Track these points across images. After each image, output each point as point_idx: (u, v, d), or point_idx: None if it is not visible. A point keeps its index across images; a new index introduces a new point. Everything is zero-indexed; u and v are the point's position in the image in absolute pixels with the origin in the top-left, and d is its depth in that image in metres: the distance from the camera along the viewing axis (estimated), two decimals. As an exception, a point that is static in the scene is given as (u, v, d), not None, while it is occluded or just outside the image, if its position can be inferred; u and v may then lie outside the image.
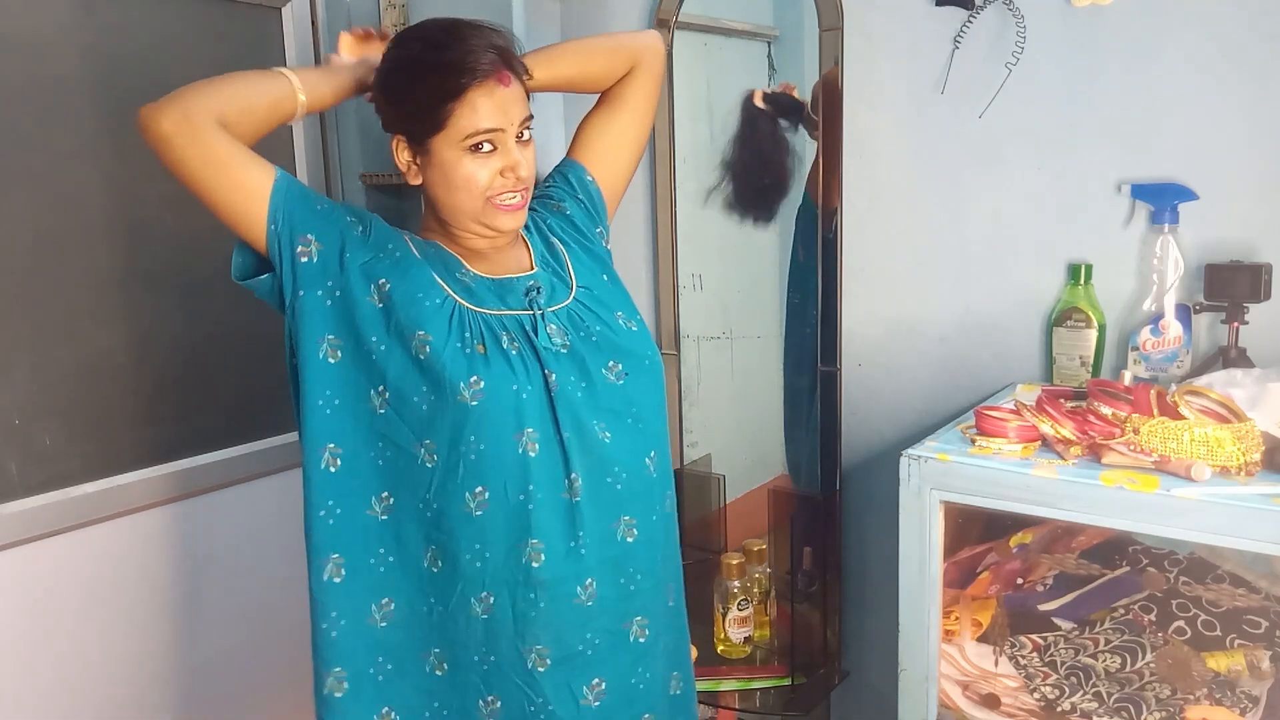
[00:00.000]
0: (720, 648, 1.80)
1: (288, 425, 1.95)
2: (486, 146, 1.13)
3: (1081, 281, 1.47)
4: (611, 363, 1.21)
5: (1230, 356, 1.35)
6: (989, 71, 1.52)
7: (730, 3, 1.89)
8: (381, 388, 1.14)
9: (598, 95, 1.37)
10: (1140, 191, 1.43)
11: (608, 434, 1.18)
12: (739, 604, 1.78)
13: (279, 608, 1.93)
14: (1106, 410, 1.20)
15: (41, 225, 1.57)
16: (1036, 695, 1.30)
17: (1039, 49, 1.48)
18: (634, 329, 1.26)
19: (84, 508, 1.64)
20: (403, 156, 1.18)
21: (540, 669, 1.17)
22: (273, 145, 1.88)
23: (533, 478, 1.14)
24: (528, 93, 1.19)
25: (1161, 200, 1.40)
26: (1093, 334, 1.46)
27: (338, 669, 1.19)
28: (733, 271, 1.99)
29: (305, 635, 1.25)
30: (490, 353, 1.14)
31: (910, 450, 1.25)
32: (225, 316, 1.82)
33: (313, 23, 1.95)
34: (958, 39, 1.53)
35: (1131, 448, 1.15)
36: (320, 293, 1.15)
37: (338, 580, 1.17)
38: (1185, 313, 1.40)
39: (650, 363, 1.26)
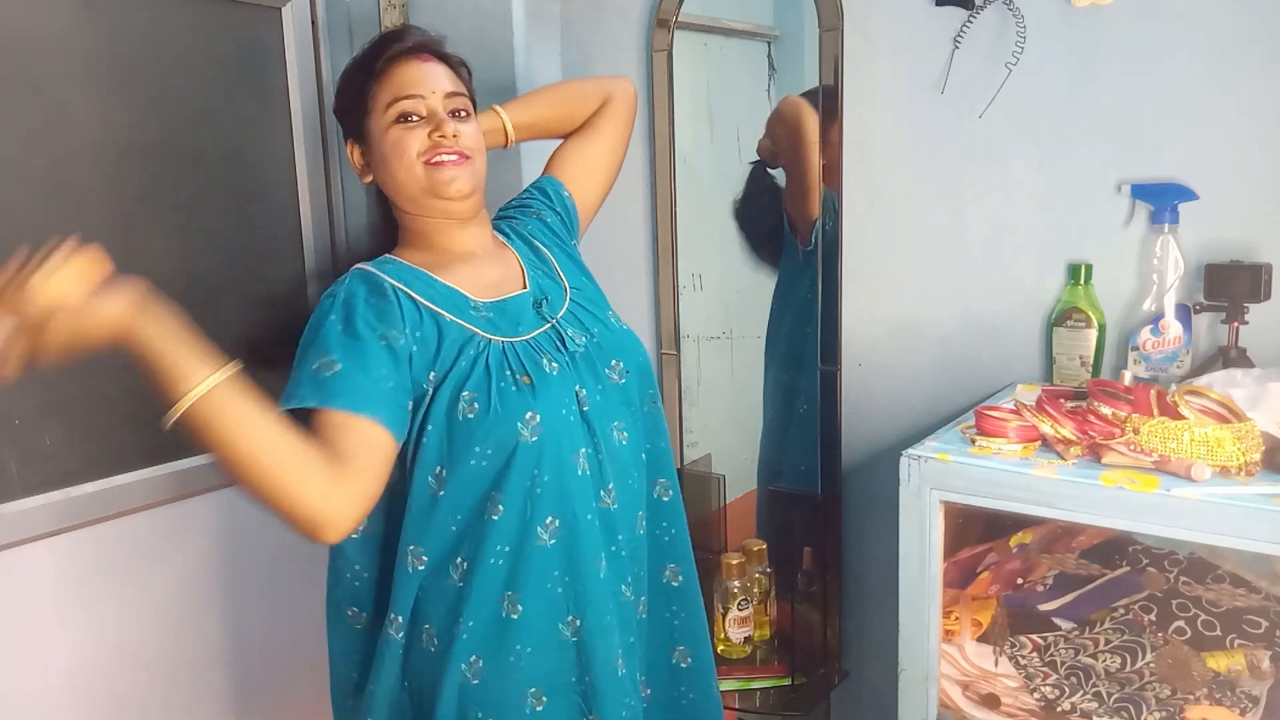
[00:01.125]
0: (720, 648, 1.80)
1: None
2: (414, 118, 1.17)
3: (1081, 281, 1.47)
4: (614, 362, 1.23)
5: (1230, 356, 1.35)
6: (989, 71, 1.52)
7: (730, 3, 1.89)
8: (439, 469, 1.12)
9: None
10: (1140, 191, 1.43)
11: (624, 435, 1.21)
12: (739, 604, 1.78)
13: (280, 607, 1.93)
14: (1106, 410, 1.20)
15: (41, 225, 1.57)
16: (1036, 695, 1.30)
17: (1039, 49, 1.48)
18: (625, 327, 1.30)
19: (84, 508, 1.64)
20: (355, 159, 1.23)
21: (623, 671, 1.19)
22: (271, 146, 1.89)
23: (592, 495, 1.16)
24: (468, 88, 1.24)
25: (1161, 200, 1.40)
26: (1093, 334, 1.46)
27: None
28: (733, 271, 1.99)
29: (305, 634, 1.26)
30: (536, 382, 1.14)
31: (910, 450, 1.25)
32: (225, 316, 1.82)
33: (313, 23, 1.95)
34: (958, 39, 1.53)
35: (1131, 448, 1.15)
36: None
37: (432, 649, 1.16)
38: (1185, 313, 1.40)
39: (644, 360, 1.29)
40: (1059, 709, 1.28)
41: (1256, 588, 1.27)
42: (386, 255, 1.24)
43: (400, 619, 1.16)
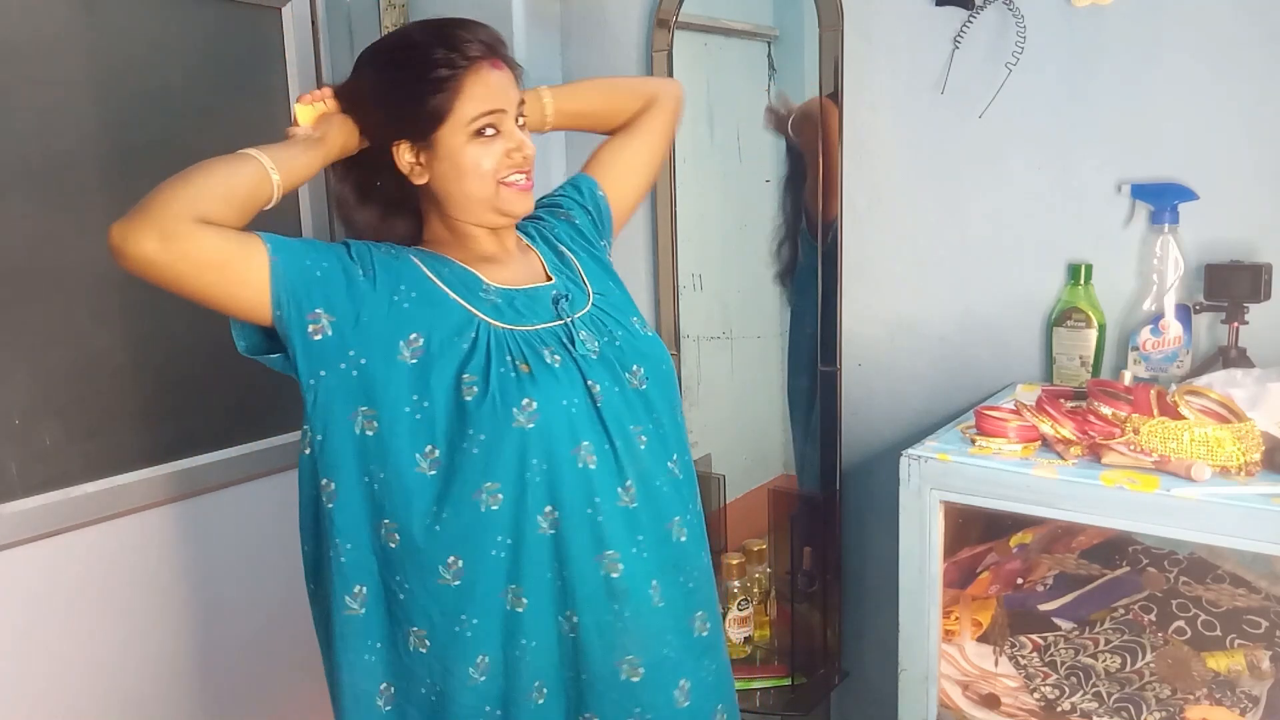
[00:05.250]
0: (720, 648, 1.80)
1: (288, 425, 1.95)
2: (490, 130, 1.14)
3: (1081, 281, 1.47)
4: (635, 367, 1.21)
5: (1230, 356, 1.35)
6: (989, 71, 1.52)
7: (730, 3, 1.89)
8: (429, 448, 1.10)
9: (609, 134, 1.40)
10: (1140, 191, 1.43)
11: (643, 438, 1.19)
12: (739, 604, 1.78)
13: (279, 608, 1.93)
14: (1106, 410, 1.20)
15: (41, 225, 1.58)
16: (1036, 695, 1.30)
17: (1039, 49, 1.48)
18: (650, 334, 1.27)
19: (84, 508, 1.64)
20: (404, 159, 1.16)
21: (635, 679, 1.16)
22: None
23: (596, 489, 1.14)
24: (518, 82, 1.20)
25: (1161, 200, 1.40)
26: (1093, 334, 1.46)
27: None
28: (733, 271, 1.99)
29: (304, 632, 1.25)
30: (535, 370, 1.12)
31: (910, 450, 1.25)
32: (225, 317, 1.82)
33: (313, 23, 1.95)
34: (958, 39, 1.53)
35: (1131, 448, 1.15)
36: (343, 365, 1.09)
37: (424, 650, 1.15)
38: (1185, 313, 1.40)
39: (666, 368, 1.27)
40: (1059, 709, 1.28)
41: (1256, 588, 1.27)
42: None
43: (423, 630, 1.14)
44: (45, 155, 1.57)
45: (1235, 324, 1.34)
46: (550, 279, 1.24)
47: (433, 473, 1.11)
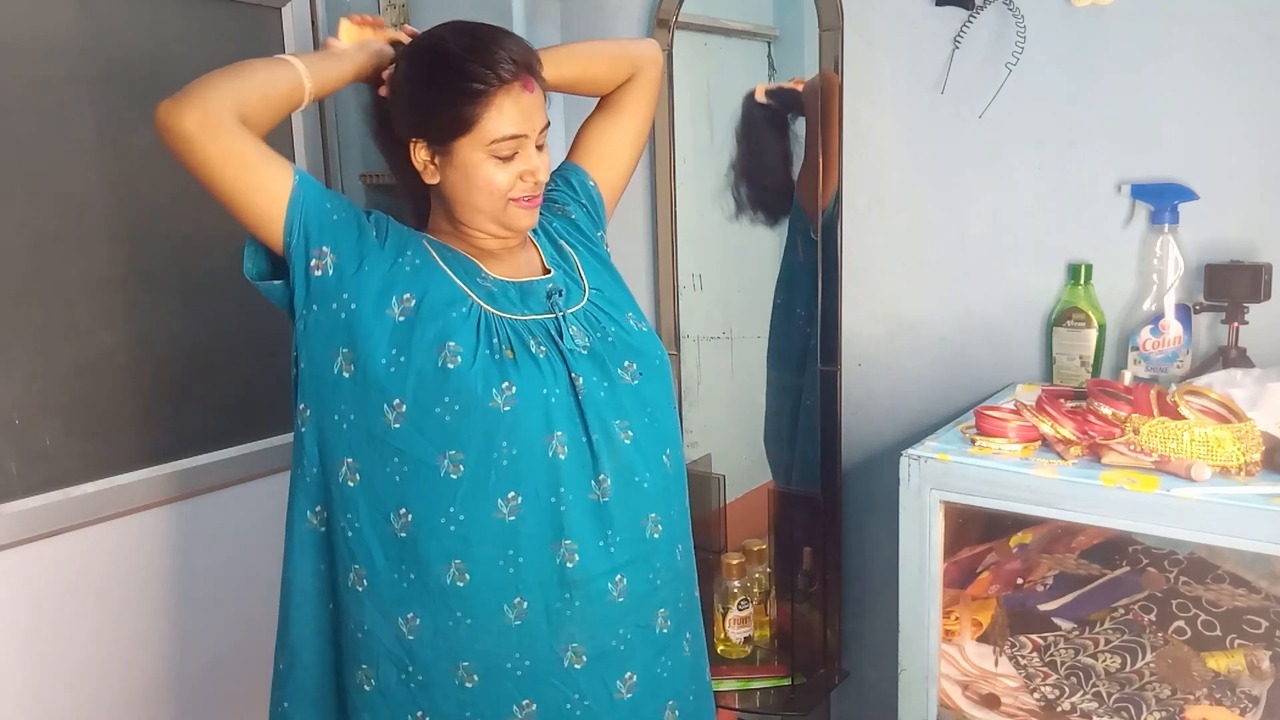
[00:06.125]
0: (720, 648, 1.80)
1: (287, 425, 1.94)
2: (508, 151, 1.15)
3: (1081, 281, 1.47)
4: (627, 363, 1.23)
5: (1230, 356, 1.35)
6: (989, 71, 1.52)
7: (730, 3, 1.89)
8: (397, 401, 1.13)
9: (595, 99, 1.39)
10: (1140, 191, 1.43)
11: (629, 433, 1.20)
12: (739, 604, 1.78)
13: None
14: (1106, 410, 1.20)
15: (42, 225, 1.58)
16: (1036, 695, 1.30)
17: (1039, 49, 1.48)
18: (644, 330, 1.28)
19: (84, 508, 1.64)
20: (420, 156, 1.18)
21: (577, 665, 1.18)
22: (273, 144, 1.88)
23: (563, 480, 1.15)
24: (546, 102, 1.21)
25: (1161, 200, 1.40)
26: (1093, 334, 1.46)
27: (364, 666, 1.20)
28: (733, 271, 1.99)
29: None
30: (519, 357, 1.15)
31: (910, 450, 1.25)
32: (225, 316, 1.82)
33: (313, 23, 1.95)
34: (958, 39, 1.53)
35: (1131, 448, 1.15)
36: (335, 305, 1.14)
37: (360, 589, 1.18)
38: (1185, 313, 1.40)
39: (661, 363, 1.28)
40: (1059, 709, 1.28)
41: (1256, 588, 1.27)
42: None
43: (364, 570, 1.18)
44: (45, 155, 1.57)
45: (1235, 324, 1.35)
46: (548, 272, 1.26)
47: (397, 426, 1.14)
